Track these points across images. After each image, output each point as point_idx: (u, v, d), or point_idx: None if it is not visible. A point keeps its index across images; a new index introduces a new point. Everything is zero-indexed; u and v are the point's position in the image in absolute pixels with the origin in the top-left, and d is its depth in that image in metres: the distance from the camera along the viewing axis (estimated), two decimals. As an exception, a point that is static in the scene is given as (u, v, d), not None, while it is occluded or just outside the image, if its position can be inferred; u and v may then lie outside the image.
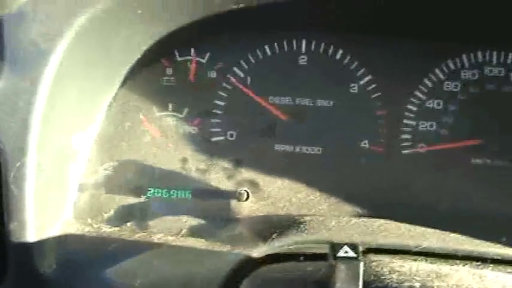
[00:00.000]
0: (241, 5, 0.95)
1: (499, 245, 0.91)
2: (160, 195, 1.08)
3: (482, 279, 0.73)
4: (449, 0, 0.99)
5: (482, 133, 1.12)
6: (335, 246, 0.67)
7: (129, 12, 0.87)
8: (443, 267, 0.78)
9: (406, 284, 0.66)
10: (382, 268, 0.74)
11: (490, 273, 0.77)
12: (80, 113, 0.99)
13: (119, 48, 0.97)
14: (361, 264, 0.65)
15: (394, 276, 0.70)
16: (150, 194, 1.08)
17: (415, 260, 0.81)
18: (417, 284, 0.67)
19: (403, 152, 1.13)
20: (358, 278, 0.64)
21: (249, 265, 0.81)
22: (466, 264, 0.81)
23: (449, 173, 1.11)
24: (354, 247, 0.67)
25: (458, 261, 0.83)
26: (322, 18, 1.11)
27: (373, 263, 0.76)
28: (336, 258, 0.65)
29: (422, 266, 0.78)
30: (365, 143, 1.13)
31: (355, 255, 0.66)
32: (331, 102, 1.14)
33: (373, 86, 1.13)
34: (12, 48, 0.83)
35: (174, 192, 1.08)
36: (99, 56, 0.94)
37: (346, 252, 0.67)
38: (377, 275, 0.70)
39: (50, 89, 0.83)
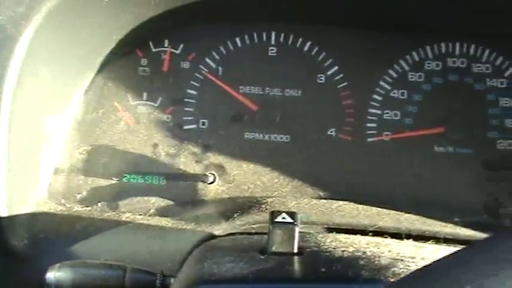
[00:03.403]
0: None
1: (451, 225, 0.95)
2: (135, 180, 1.12)
3: (419, 249, 0.76)
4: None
5: (445, 122, 1.15)
6: (274, 214, 0.71)
7: (92, 3, 0.92)
8: (386, 240, 0.82)
9: (341, 249, 0.70)
10: (323, 237, 0.78)
11: (429, 246, 0.80)
12: (53, 97, 1.03)
13: (91, 36, 1.02)
14: (297, 228, 0.69)
15: (332, 243, 0.74)
16: (126, 179, 1.12)
17: (362, 235, 0.85)
18: (351, 249, 0.70)
19: (369, 139, 1.16)
20: (293, 241, 0.68)
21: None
22: (410, 239, 0.85)
23: (413, 160, 1.14)
24: (291, 214, 0.71)
25: (404, 239, 0.87)
26: (291, 11, 1.15)
27: (316, 233, 0.80)
28: (273, 223, 0.69)
29: (366, 239, 0.81)
30: (332, 131, 1.17)
31: (291, 221, 0.70)
32: (300, 92, 1.18)
33: (340, 76, 1.17)
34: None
35: (148, 178, 1.12)
36: (71, 42, 0.99)
37: (283, 218, 0.70)
38: (316, 242, 0.73)
39: (20, 72, 0.88)
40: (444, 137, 1.15)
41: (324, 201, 1.03)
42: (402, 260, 0.66)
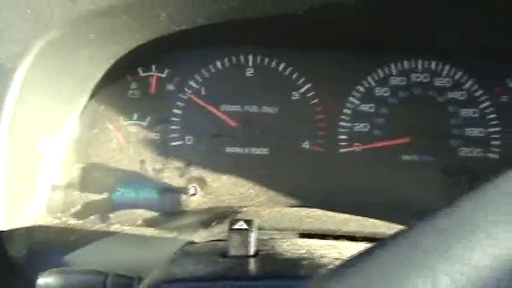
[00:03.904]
0: (182, 27, 1.10)
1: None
2: (128, 194, 1.23)
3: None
4: (377, 15, 1.12)
5: (411, 132, 1.24)
6: (233, 221, 0.81)
7: (84, 36, 1.03)
8: (343, 243, 0.91)
9: (292, 251, 0.80)
10: (283, 242, 0.87)
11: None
12: (49, 120, 1.15)
13: (83, 65, 1.14)
14: (252, 234, 0.79)
15: (288, 247, 0.83)
16: (119, 193, 1.23)
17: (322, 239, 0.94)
18: (302, 251, 0.80)
19: (341, 150, 1.26)
20: (248, 245, 0.78)
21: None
22: (371, 241, 0.93)
23: (382, 169, 1.24)
24: (248, 222, 0.81)
25: (363, 241, 0.95)
26: (265, 35, 1.25)
27: (278, 239, 0.90)
28: (231, 230, 0.79)
29: (323, 242, 0.91)
30: (306, 144, 1.27)
31: (247, 227, 0.80)
32: (276, 109, 1.28)
33: (312, 93, 1.27)
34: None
35: (140, 191, 1.23)
36: (63, 73, 1.10)
37: (241, 225, 0.80)
38: (274, 246, 0.83)
39: (17, 100, 0.99)
40: (410, 146, 1.24)
41: (295, 209, 1.12)
42: (342, 259, 0.76)
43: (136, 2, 0.92)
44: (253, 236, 0.77)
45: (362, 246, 0.88)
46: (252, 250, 0.77)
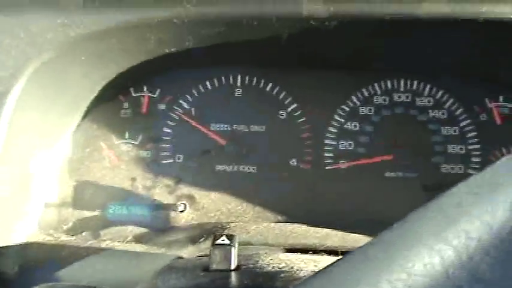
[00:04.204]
0: (172, 50, 1.15)
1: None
2: (120, 211, 1.27)
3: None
4: (360, 38, 1.16)
5: (394, 150, 1.28)
6: (216, 237, 0.85)
7: (76, 58, 1.08)
8: (323, 257, 0.95)
9: (273, 266, 0.83)
10: (265, 257, 0.91)
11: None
12: (43, 140, 1.19)
13: (76, 86, 1.18)
14: (233, 249, 0.82)
15: (270, 261, 0.87)
16: (111, 210, 1.27)
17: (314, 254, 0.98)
18: (282, 265, 0.84)
19: (326, 168, 1.30)
20: (229, 260, 0.81)
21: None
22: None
23: (366, 185, 1.28)
24: (230, 237, 0.84)
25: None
26: (253, 57, 1.30)
27: (261, 253, 0.93)
28: (213, 245, 0.83)
29: (304, 257, 0.94)
30: (293, 161, 1.31)
31: (229, 243, 0.83)
32: (264, 127, 1.32)
33: (299, 112, 1.32)
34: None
35: (131, 208, 1.27)
36: (56, 93, 1.14)
37: (223, 240, 0.84)
38: (256, 260, 0.87)
39: (9, 122, 1.04)
40: (393, 163, 1.27)
41: (281, 224, 1.16)
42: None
43: (125, 26, 0.97)
44: (234, 251, 0.81)
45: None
46: (233, 264, 0.80)
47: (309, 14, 0.96)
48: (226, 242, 0.81)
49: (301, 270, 0.77)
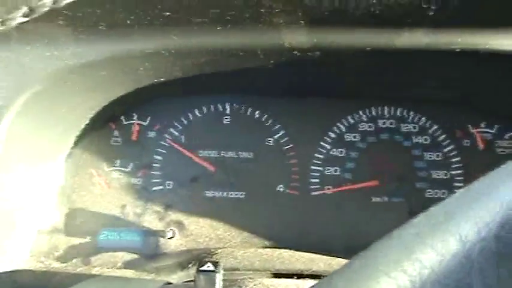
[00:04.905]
0: (161, 79, 1.18)
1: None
2: (111, 238, 1.29)
3: None
4: (343, 67, 1.20)
5: (380, 175, 1.31)
6: (201, 263, 0.87)
7: (66, 88, 1.11)
8: (305, 282, 0.97)
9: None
10: (250, 282, 0.93)
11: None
12: (35, 168, 1.21)
13: (66, 116, 1.21)
14: (218, 276, 0.84)
15: (252, 285, 0.89)
16: (102, 237, 1.29)
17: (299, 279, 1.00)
18: (266, 290, 0.86)
19: (313, 193, 1.32)
20: (214, 286, 0.83)
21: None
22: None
23: (352, 210, 1.30)
24: (215, 264, 0.86)
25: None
26: (240, 85, 1.34)
27: (246, 279, 0.95)
28: (198, 271, 0.85)
29: (288, 282, 0.96)
30: (281, 187, 1.33)
31: (214, 269, 0.85)
32: (252, 154, 1.35)
33: (286, 139, 1.35)
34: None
35: (122, 235, 1.29)
36: (46, 123, 1.17)
37: (208, 267, 0.86)
38: (240, 286, 0.89)
39: (1, 151, 1.06)
40: (379, 188, 1.30)
41: (268, 250, 1.17)
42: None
43: (113, 58, 1.00)
44: (219, 277, 0.83)
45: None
46: (218, 291, 0.82)
47: (291, 45, 0.99)
48: (211, 268, 0.83)
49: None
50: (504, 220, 0.37)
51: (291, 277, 1.00)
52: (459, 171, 1.28)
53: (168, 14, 0.88)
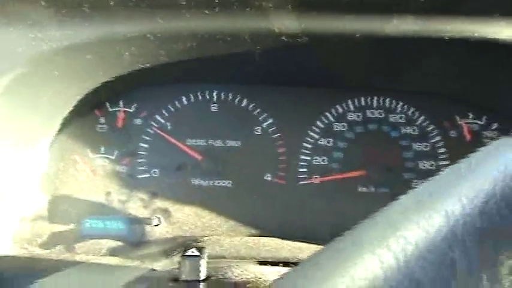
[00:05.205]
0: (147, 65, 1.16)
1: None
2: (95, 225, 1.27)
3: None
4: (332, 54, 1.19)
5: (367, 165, 1.31)
6: (186, 248, 0.86)
7: (49, 73, 1.09)
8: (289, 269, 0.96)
9: (240, 277, 0.85)
10: (235, 268, 0.92)
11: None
12: (18, 153, 1.19)
13: (49, 102, 1.19)
14: (202, 261, 0.83)
15: (238, 272, 0.88)
16: (87, 224, 1.27)
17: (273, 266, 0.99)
18: (249, 276, 0.85)
19: (300, 182, 1.32)
20: (198, 271, 0.83)
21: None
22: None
23: (339, 200, 1.30)
24: (200, 249, 0.86)
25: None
26: (228, 73, 1.32)
27: (231, 265, 0.94)
28: (183, 256, 0.84)
29: (272, 269, 0.96)
30: (268, 176, 1.32)
31: (198, 254, 0.85)
32: (239, 143, 1.34)
33: (274, 128, 1.34)
34: None
35: (107, 222, 1.27)
36: (30, 108, 1.15)
37: (192, 252, 0.85)
38: (225, 271, 0.88)
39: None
40: (366, 178, 1.30)
41: (254, 238, 1.17)
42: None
43: (98, 41, 0.98)
44: (203, 262, 0.82)
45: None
46: (202, 275, 0.81)
47: (280, 30, 0.98)
48: (196, 253, 0.82)
49: (268, 281, 0.78)
50: (489, 196, 0.37)
51: (277, 265, 0.99)
52: (446, 162, 1.28)
53: (154, -5, 0.86)
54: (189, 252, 0.84)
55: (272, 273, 0.88)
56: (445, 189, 0.41)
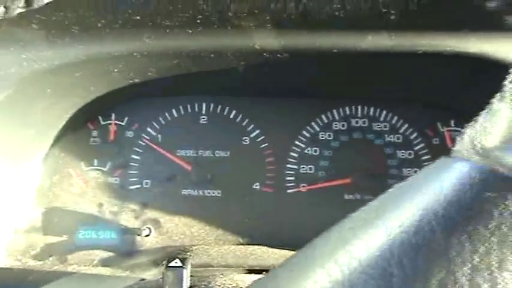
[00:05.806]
0: (136, 80, 1.20)
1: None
2: (88, 236, 1.31)
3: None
4: (314, 68, 1.23)
5: (352, 173, 1.34)
6: (169, 259, 0.89)
7: (41, 91, 1.13)
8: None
9: (225, 286, 0.88)
10: (220, 278, 0.96)
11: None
12: (12, 166, 1.23)
13: (42, 117, 1.23)
14: (185, 271, 0.87)
15: (223, 282, 0.92)
16: (80, 235, 1.31)
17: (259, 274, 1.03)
18: (233, 285, 0.89)
19: (288, 191, 1.35)
20: (181, 282, 0.86)
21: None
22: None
23: (326, 207, 1.33)
24: (182, 260, 0.89)
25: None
26: (215, 86, 1.36)
27: (216, 275, 0.98)
28: (166, 267, 0.88)
29: (256, 277, 0.99)
30: (256, 185, 1.36)
31: (181, 265, 0.88)
32: (228, 153, 1.38)
33: (262, 138, 1.38)
34: None
35: (101, 233, 1.31)
36: (23, 123, 1.19)
37: (176, 263, 0.89)
38: (209, 281, 0.92)
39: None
40: (352, 186, 1.33)
41: (241, 246, 1.20)
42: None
43: (87, 60, 1.02)
44: (186, 273, 0.86)
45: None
46: (185, 286, 0.85)
47: (261, 47, 1.02)
48: (179, 264, 0.86)
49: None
50: (424, 214, 0.40)
51: (262, 273, 1.03)
52: (429, 169, 1.31)
53: (138, 18, 0.90)
54: (172, 263, 0.87)
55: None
56: (389, 205, 0.45)
